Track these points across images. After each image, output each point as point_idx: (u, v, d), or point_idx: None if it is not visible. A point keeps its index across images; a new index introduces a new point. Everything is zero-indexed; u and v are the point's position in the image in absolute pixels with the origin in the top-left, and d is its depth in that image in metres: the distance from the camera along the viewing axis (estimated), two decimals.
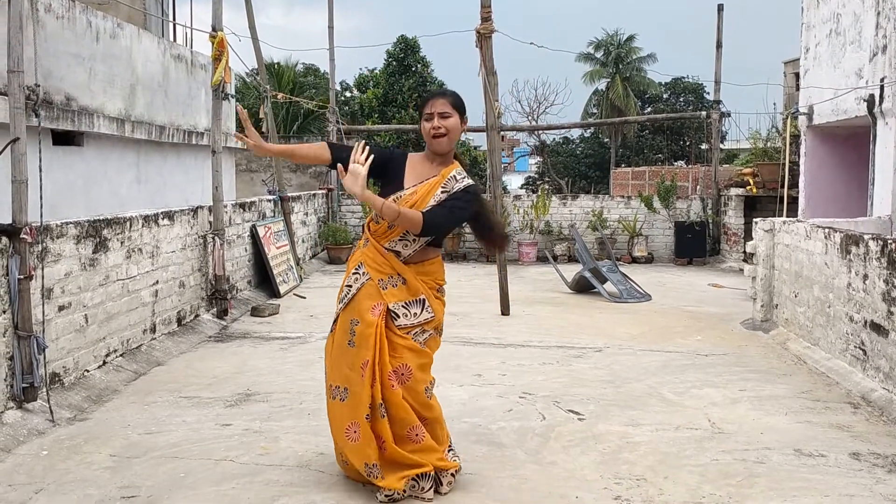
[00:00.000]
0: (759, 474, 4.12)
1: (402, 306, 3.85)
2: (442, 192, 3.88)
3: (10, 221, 4.70)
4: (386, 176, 3.99)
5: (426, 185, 3.91)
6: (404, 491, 3.75)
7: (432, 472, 3.81)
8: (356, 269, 3.93)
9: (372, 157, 3.75)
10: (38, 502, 3.67)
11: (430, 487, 3.79)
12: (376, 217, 3.88)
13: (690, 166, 23.57)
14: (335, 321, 3.95)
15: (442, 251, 4.13)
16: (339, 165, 3.72)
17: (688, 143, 37.88)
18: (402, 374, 3.80)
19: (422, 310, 3.89)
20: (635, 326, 8.06)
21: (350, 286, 3.90)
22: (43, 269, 4.98)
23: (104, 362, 5.81)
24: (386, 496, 3.72)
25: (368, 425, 3.75)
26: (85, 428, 4.73)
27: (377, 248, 3.91)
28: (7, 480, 3.91)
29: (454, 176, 3.95)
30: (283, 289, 9.74)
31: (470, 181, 3.97)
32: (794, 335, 7.19)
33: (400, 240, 3.88)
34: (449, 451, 3.99)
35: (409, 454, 3.77)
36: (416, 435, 3.81)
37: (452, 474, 3.92)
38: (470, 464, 4.20)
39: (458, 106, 3.98)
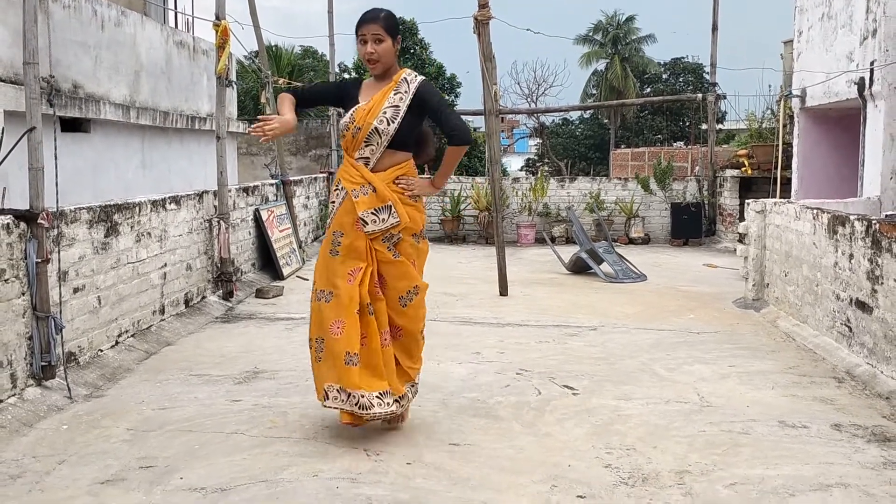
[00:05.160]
0: (743, 444, 4.34)
1: (371, 213, 4.20)
2: (395, 95, 4.25)
3: (27, 207, 4.90)
4: (344, 102, 4.39)
5: (379, 93, 4.27)
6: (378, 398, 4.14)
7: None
8: (336, 185, 4.35)
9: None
10: (61, 472, 3.90)
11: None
12: (343, 132, 4.31)
13: (690, 147, 23.72)
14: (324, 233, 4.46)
15: (411, 156, 4.42)
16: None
17: (687, 124, 37.99)
18: (381, 283, 4.24)
19: (388, 215, 4.20)
20: (630, 306, 8.28)
21: (334, 202, 4.34)
22: (59, 252, 5.19)
23: (116, 342, 6.03)
24: (365, 398, 4.10)
25: (357, 318, 4.13)
26: (101, 404, 4.96)
27: (349, 161, 4.31)
28: (31, 452, 4.13)
29: (405, 79, 4.29)
30: (286, 271, 9.95)
31: (421, 77, 4.35)
32: (784, 313, 7.40)
33: (366, 146, 4.24)
34: (411, 386, 4.42)
35: (381, 365, 4.19)
36: (385, 340, 4.23)
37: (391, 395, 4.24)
38: (469, 435, 4.43)
39: (390, 28, 4.30)
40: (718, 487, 3.77)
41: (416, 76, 4.34)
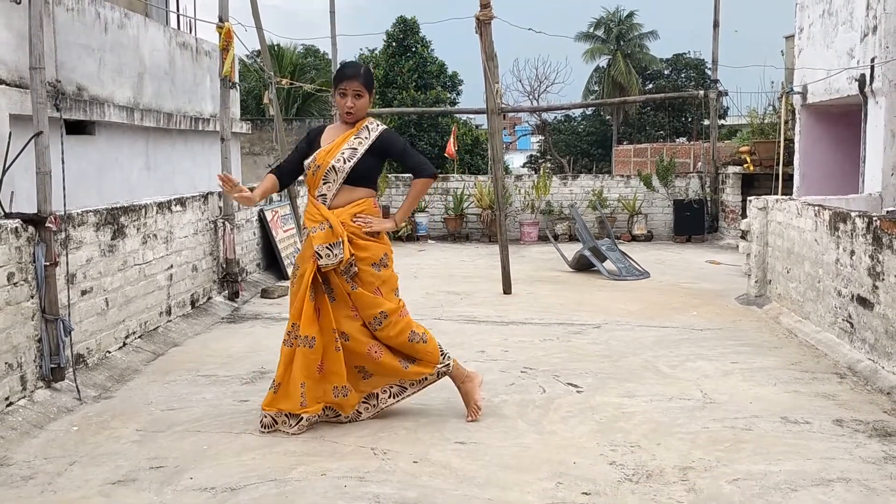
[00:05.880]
0: (746, 440, 4.38)
1: (326, 248, 4.47)
2: (355, 139, 4.57)
3: (35, 211, 4.95)
4: (312, 150, 4.64)
5: (340, 137, 4.59)
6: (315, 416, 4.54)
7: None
8: (304, 225, 4.66)
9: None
10: (73, 472, 3.95)
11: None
12: (306, 171, 4.62)
13: (692, 142, 23.76)
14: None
15: (373, 193, 4.72)
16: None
17: (690, 120, 37.98)
18: (354, 315, 4.54)
19: (339, 250, 4.48)
20: (633, 303, 8.32)
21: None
22: (67, 255, 5.24)
23: (124, 343, 6.09)
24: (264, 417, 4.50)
25: (289, 350, 4.55)
26: (110, 405, 5.01)
27: (311, 200, 4.63)
28: (42, 454, 4.19)
29: (367, 126, 4.63)
30: (290, 271, 9.97)
31: (383, 126, 4.70)
32: (786, 309, 7.44)
33: (324, 183, 4.55)
34: (442, 364, 4.70)
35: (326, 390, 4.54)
36: (375, 352, 4.57)
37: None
38: (475, 433, 4.47)
39: (369, 84, 4.64)
40: (722, 483, 3.82)
41: (378, 125, 4.68)
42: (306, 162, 4.63)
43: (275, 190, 4.74)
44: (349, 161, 4.51)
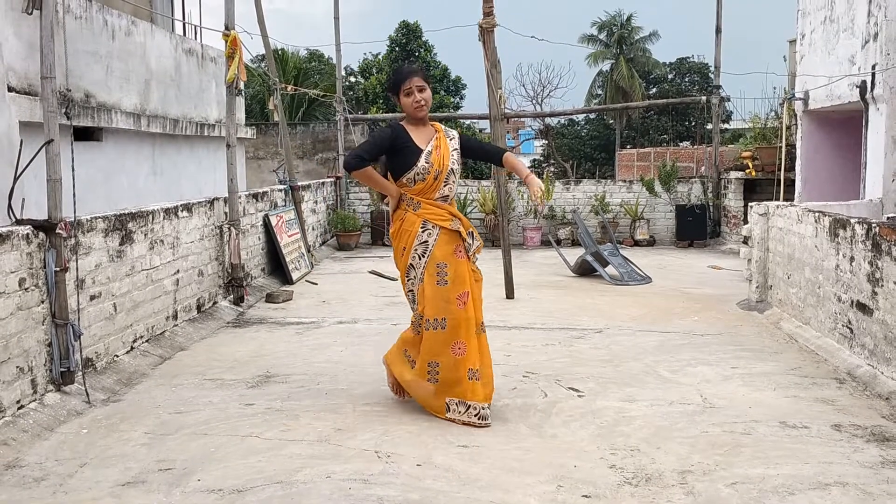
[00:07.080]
0: (745, 444, 4.44)
1: (469, 235, 4.87)
2: (451, 140, 4.97)
3: (45, 217, 5.04)
4: (397, 147, 4.82)
5: (437, 140, 4.89)
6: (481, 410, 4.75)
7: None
8: (423, 226, 4.78)
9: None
10: (84, 474, 4.03)
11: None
12: (421, 175, 4.79)
13: (696, 147, 23.79)
14: (421, 272, 4.79)
15: None
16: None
17: (693, 124, 38.04)
18: (475, 297, 4.86)
19: (472, 239, 4.90)
20: (635, 308, 8.38)
21: (426, 242, 4.79)
22: (76, 261, 5.32)
23: (132, 348, 6.17)
24: (484, 409, 4.71)
25: (476, 338, 4.75)
26: (119, 408, 5.09)
27: (431, 203, 4.84)
28: (53, 456, 4.26)
29: (446, 130, 5.02)
30: (295, 276, 10.08)
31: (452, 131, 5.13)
32: (787, 315, 7.49)
33: (445, 185, 4.86)
34: None
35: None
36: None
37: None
38: (478, 437, 4.54)
39: (427, 78, 4.97)
40: (720, 486, 3.88)
41: (449, 128, 5.09)
42: (420, 165, 4.79)
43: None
44: (457, 163, 4.93)
